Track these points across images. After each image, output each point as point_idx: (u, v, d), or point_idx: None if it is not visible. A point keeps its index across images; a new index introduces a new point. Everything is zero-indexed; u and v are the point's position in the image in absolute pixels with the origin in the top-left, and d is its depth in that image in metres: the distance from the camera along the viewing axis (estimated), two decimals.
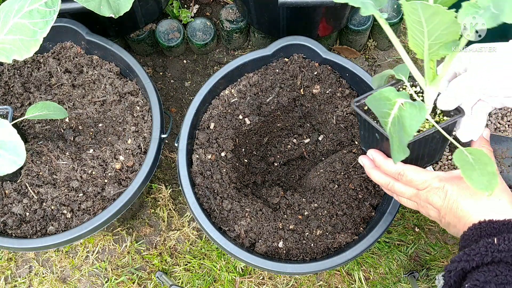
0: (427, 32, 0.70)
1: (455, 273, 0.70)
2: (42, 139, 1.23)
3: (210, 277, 1.42)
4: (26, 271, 1.43)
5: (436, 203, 0.79)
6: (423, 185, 0.81)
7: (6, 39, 0.88)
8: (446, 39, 0.71)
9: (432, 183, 0.80)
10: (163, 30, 1.52)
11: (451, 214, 0.78)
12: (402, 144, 0.71)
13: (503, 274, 0.65)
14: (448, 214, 0.79)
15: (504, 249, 0.66)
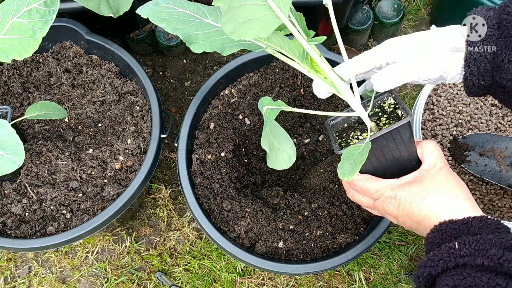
0: None
1: (423, 278, 0.70)
2: (42, 139, 1.22)
3: (210, 278, 1.41)
4: (26, 272, 1.43)
5: (392, 212, 0.80)
6: (377, 195, 0.81)
7: (5, 39, 0.87)
8: None
9: (385, 192, 0.80)
10: (162, 29, 1.52)
11: (410, 220, 0.79)
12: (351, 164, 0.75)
13: (471, 276, 0.64)
14: (406, 220, 0.79)
15: (466, 253, 0.66)
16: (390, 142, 0.81)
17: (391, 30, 1.56)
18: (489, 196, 1.26)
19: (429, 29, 0.79)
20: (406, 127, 0.80)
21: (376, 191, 0.81)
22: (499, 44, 0.72)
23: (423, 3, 1.73)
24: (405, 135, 0.81)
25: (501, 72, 0.73)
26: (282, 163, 0.81)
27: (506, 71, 0.72)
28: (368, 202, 0.85)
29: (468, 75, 0.75)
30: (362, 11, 1.51)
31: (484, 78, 0.74)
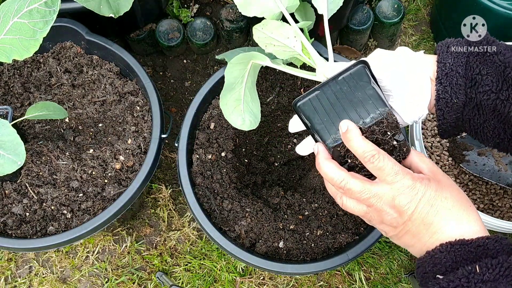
0: None
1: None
2: (42, 139, 1.23)
3: (211, 278, 1.42)
4: (26, 272, 1.43)
5: (403, 206, 0.65)
6: (394, 179, 0.66)
7: (6, 39, 0.88)
8: None
9: (403, 179, 0.66)
10: (163, 30, 1.52)
11: (419, 221, 0.66)
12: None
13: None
14: (414, 221, 0.66)
15: (489, 278, 0.58)
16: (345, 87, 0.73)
17: (391, 30, 1.56)
18: (489, 196, 1.26)
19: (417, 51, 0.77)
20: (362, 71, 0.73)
21: (395, 174, 0.66)
22: (471, 59, 0.71)
23: (423, 3, 1.73)
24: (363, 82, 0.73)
25: (477, 86, 0.70)
26: (236, 122, 0.86)
27: (483, 83, 0.69)
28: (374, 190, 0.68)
29: (440, 93, 0.71)
30: (362, 11, 1.51)
31: (457, 95, 0.71)
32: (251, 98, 0.88)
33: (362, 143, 0.68)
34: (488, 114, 0.71)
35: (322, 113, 0.74)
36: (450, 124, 0.75)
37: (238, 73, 0.86)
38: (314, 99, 0.75)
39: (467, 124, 0.74)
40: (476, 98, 0.70)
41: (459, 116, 0.73)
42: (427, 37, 1.69)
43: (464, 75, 0.70)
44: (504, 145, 0.74)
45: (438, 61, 0.72)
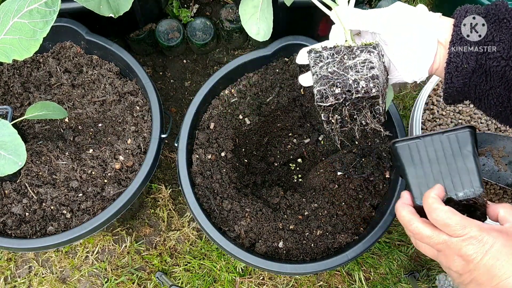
0: None
1: None
2: (42, 139, 1.22)
3: (210, 277, 1.42)
4: (26, 271, 1.43)
5: (470, 255, 0.67)
6: (461, 232, 0.68)
7: (6, 39, 0.87)
8: None
9: (471, 231, 0.67)
10: (162, 29, 1.52)
11: (484, 271, 0.66)
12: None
13: None
14: (479, 270, 0.67)
15: None
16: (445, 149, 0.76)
17: None
18: (488, 196, 1.26)
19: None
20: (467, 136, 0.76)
21: (462, 228, 0.68)
22: (487, 26, 0.72)
23: (423, 2, 1.73)
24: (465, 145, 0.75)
25: (489, 52, 0.71)
26: (252, 30, 0.90)
27: (495, 51, 0.71)
28: (439, 238, 0.70)
29: (452, 57, 0.73)
30: None
31: (469, 60, 0.72)
32: (267, 5, 0.90)
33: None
34: (496, 81, 0.72)
35: (418, 166, 0.77)
36: (456, 89, 0.76)
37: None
38: (413, 147, 0.78)
39: (472, 90, 0.75)
40: (486, 65, 0.71)
41: (466, 82, 0.74)
42: None
43: (477, 41, 0.71)
44: (506, 115, 0.76)
45: (455, 25, 0.73)
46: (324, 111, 0.74)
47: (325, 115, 0.75)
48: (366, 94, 0.71)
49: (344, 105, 0.73)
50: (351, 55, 0.74)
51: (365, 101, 0.72)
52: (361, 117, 0.75)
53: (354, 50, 0.74)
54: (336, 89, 0.71)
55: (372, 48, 0.74)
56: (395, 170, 0.79)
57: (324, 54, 0.75)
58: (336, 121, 0.76)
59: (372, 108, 0.74)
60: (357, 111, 0.74)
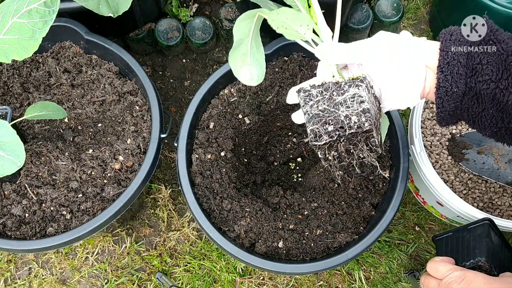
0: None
1: None
2: (41, 139, 1.22)
3: (210, 278, 1.41)
4: (26, 273, 1.43)
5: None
6: (444, 274, 0.90)
7: (5, 39, 0.87)
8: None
9: (454, 272, 0.89)
10: (162, 29, 1.52)
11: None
12: None
13: None
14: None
15: None
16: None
17: (391, 29, 1.56)
18: (488, 194, 1.26)
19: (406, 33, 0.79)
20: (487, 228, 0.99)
21: (447, 270, 0.90)
22: (473, 48, 0.71)
23: (422, 2, 1.73)
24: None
25: (477, 75, 0.70)
26: (245, 78, 0.87)
27: (483, 72, 0.70)
28: (434, 284, 0.92)
29: (441, 82, 0.73)
30: (362, 10, 1.51)
31: (458, 84, 0.72)
32: (256, 48, 0.89)
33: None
34: (487, 103, 0.72)
35: (446, 251, 1.01)
36: (449, 112, 0.76)
37: (245, 27, 0.88)
38: (447, 238, 1.03)
39: (465, 113, 0.76)
40: (475, 88, 0.71)
41: (458, 105, 0.74)
42: (426, 36, 1.68)
43: (465, 64, 0.71)
44: (501, 134, 0.76)
45: (441, 49, 0.73)
46: (320, 149, 0.75)
47: (322, 153, 0.76)
48: (359, 129, 0.71)
49: (339, 141, 0.74)
50: (340, 90, 0.74)
51: (359, 135, 0.73)
52: (358, 151, 0.76)
53: (342, 86, 0.75)
54: (329, 127, 0.72)
55: (360, 82, 0.74)
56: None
57: (313, 93, 0.76)
58: (333, 158, 0.76)
59: (367, 141, 0.74)
60: (353, 146, 0.75)
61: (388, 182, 1.19)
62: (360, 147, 0.75)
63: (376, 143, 0.74)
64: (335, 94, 0.73)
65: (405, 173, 1.12)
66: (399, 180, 1.13)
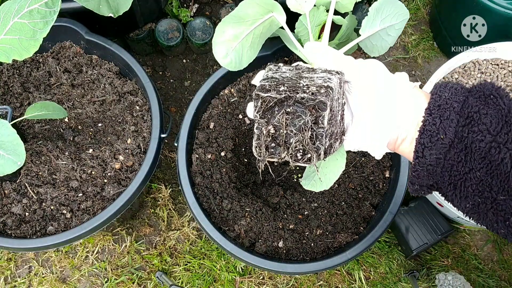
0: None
1: None
2: (42, 139, 1.22)
3: (210, 277, 1.42)
4: (26, 271, 1.43)
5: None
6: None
7: (6, 39, 0.87)
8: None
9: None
10: (162, 29, 1.52)
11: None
12: None
13: None
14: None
15: None
16: None
17: None
18: None
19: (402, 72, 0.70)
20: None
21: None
22: (471, 99, 0.62)
23: (422, 2, 1.73)
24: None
25: (472, 124, 0.60)
26: (219, 54, 0.79)
27: (480, 121, 0.60)
28: None
29: (426, 124, 0.61)
30: (362, 11, 1.51)
31: (446, 131, 0.61)
32: (250, 45, 0.82)
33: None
34: (477, 161, 0.61)
35: None
36: (427, 168, 0.64)
37: (253, 13, 0.79)
38: None
39: (447, 172, 0.63)
40: (467, 138, 0.61)
41: (440, 159, 0.62)
42: (426, 36, 1.69)
43: (459, 111, 0.61)
44: (484, 209, 0.63)
45: (433, 93, 0.63)
46: (260, 111, 0.63)
47: (259, 124, 0.64)
48: (313, 96, 0.61)
49: (283, 110, 0.62)
50: (311, 72, 0.67)
51: (309, 112, 0.62)
52: (298, 139, 0.63)
53: (316, 70, 0.67)
54: (281, 87, 0.62)
55: (335, 73, 0.66)
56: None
57: (282, 68, 0.68)
58: (268, 135, 0.64)
59: (314, 131, 0.62)
60: (296, 131, 0.63)
61: (388, 182, 1.19)
62: (303, 134, 0.62)
63: (322, 136, 0.62)
64: (305, 73, 0.66)
65: (405, 174, 1.13)
66: (399, 180, 1.13)
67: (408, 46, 1.67)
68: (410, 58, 1.67)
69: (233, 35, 0.79)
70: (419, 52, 1.66)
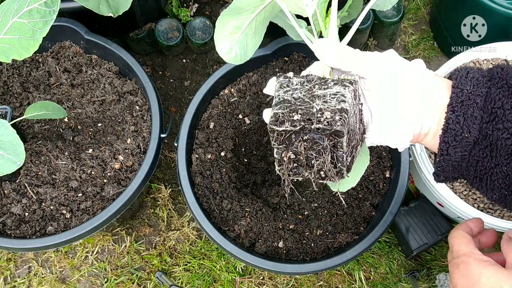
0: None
1: None
2: (41, 139, 1.22)
3: (210, 277, 1.41)
4: (26, 272, 1.43)
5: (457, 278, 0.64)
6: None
7: (5, 39, 0.87)
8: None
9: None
10: (162, 29, 1.52)
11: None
12: None
13: None
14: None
15: None
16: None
17: (391, 29, 1.56)
18: None
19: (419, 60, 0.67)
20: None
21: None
22: (493, 90, 0.60)
23: (423, 2, 1.73)
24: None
25: (497, 121, 0.59)
26: (223, 49, 0.76)
27: (505, 118, 0.58)
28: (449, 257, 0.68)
29: (450, 123, 0.60)
30: None
31: (470, 129, 0.59)
32: (254, 32, 0.78)
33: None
34: (503, 157, 0.60)
35: None
36: (452, 163, 0.63)
37: (253, 1, 0.75)
38: None
39: (472, 167, 0.63)
40: (492, 136, 0.59)
41: (465, 156, 0.62)
42: (426, 36, 1.68)
43: (482, 107, 0.59)
44: (511, 200, 0.63)
45: (454, 86, 0.61)
46: (277, 141, 0.63)
47: (278, 150, 0.64)
48: (328, 126, 0.59)
49: (301, 138, 0.62)
50: (323, 85, 0.64)
51: (327, 138, 0.61)
52: (319, 162, 0.64)
53: (328, 82, 0.64)
54: (295, 115, 0.61)
55: (348, 83, 0.63)
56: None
57: (293, 81, 0.66)
58: (289, 161, 0.65)
59: (334, 153, 0.62)
60: (315, 154, 0.63)
61: (389, 182, 1.19)
62: (324, 158, 0.63)
63: (343, 159, 0.62)
64: (317, 88, 0.64)
65: (405, 174, 1.13)
66: (399, 180, 1.13)
67: (409, 46, 1.67)
68: (410, 58, 1.67)
69: (234, 27, 0.76)
70: (420, 52, 1.66)
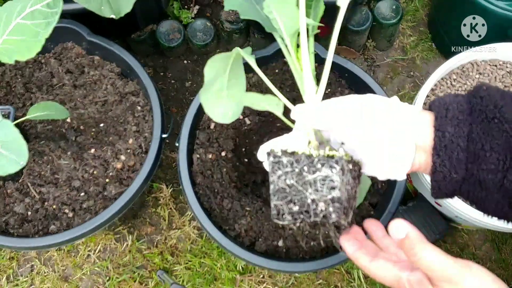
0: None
1: None
2: (44, 139, 1.23)
3: (211, 276, 1.42)
4: (28, 270, 1.44)
5: None
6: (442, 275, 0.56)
7: (8, 40, 0.88)
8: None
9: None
10: (163, 30, 1.53)
11: None
12: None
13: None
14: None
15: None
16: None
17: (390, 31, 1.57)
18: None
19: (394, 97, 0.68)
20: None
21: (443, 270, 0.58)
22: (474, 130, 0.60)
23: (421, 4, 1.74)
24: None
25: (480, 163, 0.59)
26: (218, 115, 0.77)
27: (487, 161, 0.59)
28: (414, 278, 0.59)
29: (437, 166, 0.61)
30: (361, 12, 1.52)
31: (457, 169, 0.61)
32: (235, 80, 0.80)
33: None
34: (492, 189, 0.60)
35: None
36: (446, 194, 0.66)
37: (220, 65, 0.79)
38: None
39: (465, 195, 0.64)
40: (479, 175, 0.60)
41: (456, 189, 0.64)
42: (425, 37, 1.69)
43: (466, 148, 0.60)
44: (508, 217, 0.64)
45: (436, 128, 0.62)
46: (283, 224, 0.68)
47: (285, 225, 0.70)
48: (324, 219, 0.63)
49: (305, 223, 0.67)
50: (312, 168, 0.65)
51: (328, 224, 0.66)
52: (323, 232, 0.69)
53: (315, 163, 0.65)
54: (294, 207, 0.64)
55: (335, 163, 0.63)
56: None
57: (283, 161, 0.67)
58: (298, 228, 0.69)
59: (335, 225, 0.67)
60: (319, 230, 0.69)
61: (387, 182, 1.20)
62: (327, 229, 0.68)
63: (344, 225, 0.65)
64: (306, 170, 0.65)
65: None
66: (398, 180, 1.13)
67: (407, 47, 1.68)
68: (408, 59, 1.68)
69: (216, 91, 0.80)
70: (418, 53, 1.67)
